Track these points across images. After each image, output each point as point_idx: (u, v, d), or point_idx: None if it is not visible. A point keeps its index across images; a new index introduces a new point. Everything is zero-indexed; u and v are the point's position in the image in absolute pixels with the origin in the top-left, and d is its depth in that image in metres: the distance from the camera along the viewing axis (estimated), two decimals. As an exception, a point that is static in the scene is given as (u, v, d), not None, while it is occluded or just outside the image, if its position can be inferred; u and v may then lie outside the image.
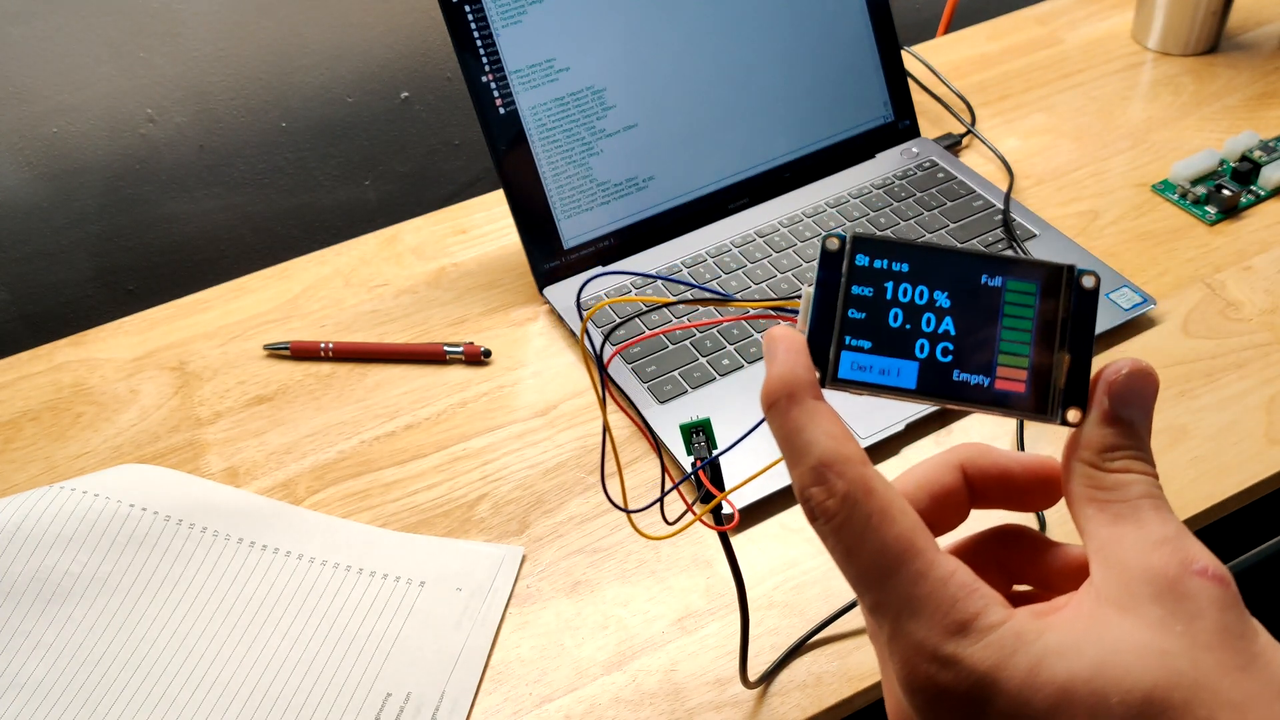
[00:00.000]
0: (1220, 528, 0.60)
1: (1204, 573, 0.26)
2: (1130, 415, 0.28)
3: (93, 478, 0.60)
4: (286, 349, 0.71)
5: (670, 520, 0.36)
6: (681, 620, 0.54)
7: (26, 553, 0.56)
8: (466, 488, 0.62)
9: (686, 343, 0.67)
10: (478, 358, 0.69)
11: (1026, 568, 0.32)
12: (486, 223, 0.81)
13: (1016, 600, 0.33)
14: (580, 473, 0.62)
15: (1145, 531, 0.27)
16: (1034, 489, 0.31)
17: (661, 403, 0.64)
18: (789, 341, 0.29)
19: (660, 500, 0.36)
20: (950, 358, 0.29)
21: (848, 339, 0.30)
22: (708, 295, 0.34)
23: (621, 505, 0.38)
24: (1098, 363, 0.29)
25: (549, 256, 0.73)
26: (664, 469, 0.38)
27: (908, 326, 0.30)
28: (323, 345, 0.71)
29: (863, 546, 0.27)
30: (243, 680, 0.53)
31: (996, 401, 0.29)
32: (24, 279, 0.87)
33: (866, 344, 0.30)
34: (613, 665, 0.53)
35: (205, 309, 0.76)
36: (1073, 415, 0.29)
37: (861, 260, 0.30)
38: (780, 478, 0.59)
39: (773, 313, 0.33)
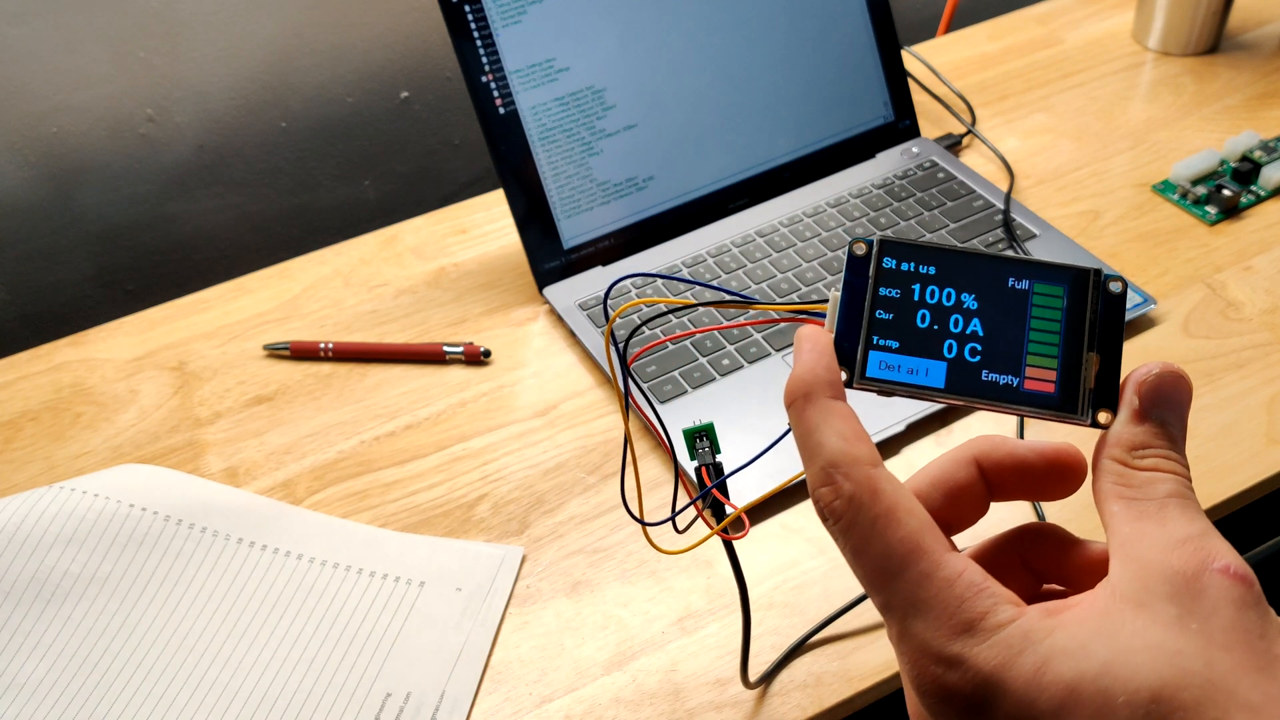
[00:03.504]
0: (1221, 527, 0.59)
1: (1225, 570, 0.25)
2: (1161, 416, 0.28)
3: (92, 478, 0.60)
4: (286, 349, 0.71)
5: (680, 529, 0.36)
6: (682, 620, 0.54)
7: (26, 553, 0.56)
8: (466, 488, 0.62)
9: (687, 343, 0.67)
10: (478, 358, 0.69)
11: (1052, 566, 0.32)
12: (486, 223, 0.81)
13: (1039, 599, 0.33)
14: (580, 473, 0.62)
15: (1168, 530, 0.27)
16: (1052, 478, 0.31)
17: (662, 402, 0.64)
18: (814, 341, 0.30)
19: (673, 517, 0.36)
20: (979, 358, 0.30)
21: (875, 339, 0.30)
22: (734, 298, 0.34)
23: (639, 517, 0.38)
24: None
25: (549, 256, 0.73)
26: (678, 481, 0.38)
27: (935, 327, 0.30)
28: (322, 345, 0.71)
29: (869, 548, 0.27)
30: (242, 680, 0.53)
31: (1026, 401, 0.29)
32: (24, 279, 0.87)
33: (894, 344, 0.30)
34: (613, 665, 0.53)
35: (205, 309, 0.76)
36: (1104, 417, 0.29)
37: (889, 263, 0.30)
38: (780, 479, 0.59)
39: (798, 316, 0.33)
